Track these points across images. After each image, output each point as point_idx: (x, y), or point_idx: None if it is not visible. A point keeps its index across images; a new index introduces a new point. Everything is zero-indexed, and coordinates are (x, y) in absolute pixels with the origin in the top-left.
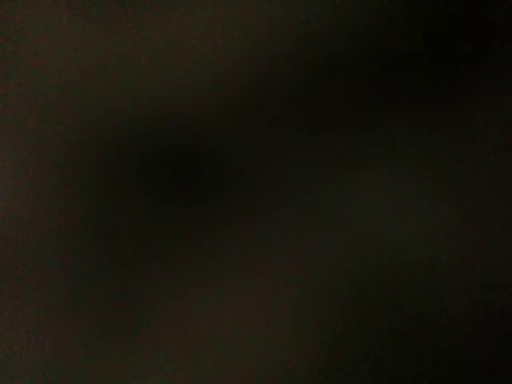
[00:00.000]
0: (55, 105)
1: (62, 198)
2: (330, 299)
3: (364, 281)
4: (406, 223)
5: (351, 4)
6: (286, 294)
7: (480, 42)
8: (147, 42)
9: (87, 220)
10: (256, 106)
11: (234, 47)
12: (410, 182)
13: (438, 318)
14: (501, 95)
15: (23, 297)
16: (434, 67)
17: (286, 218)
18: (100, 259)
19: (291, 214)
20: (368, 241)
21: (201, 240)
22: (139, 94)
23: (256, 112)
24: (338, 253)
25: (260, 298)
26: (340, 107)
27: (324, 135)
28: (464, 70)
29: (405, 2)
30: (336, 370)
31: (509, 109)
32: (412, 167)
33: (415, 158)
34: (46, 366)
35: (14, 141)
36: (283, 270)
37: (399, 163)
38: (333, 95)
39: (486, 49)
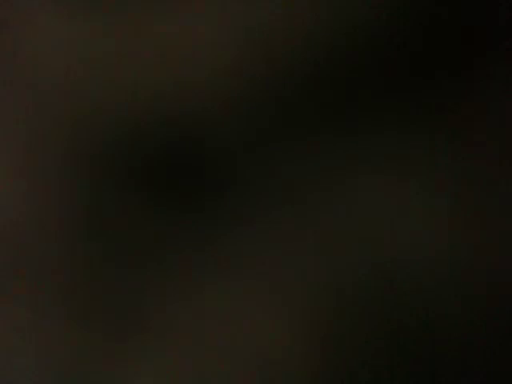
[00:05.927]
0: (55, 105)
1: (61, 198)
2: (330, 299)
3: (364, 281)
4: (406, 224)
5: (351, 4)
6: (286, 294)
7: (480, 42)
8: (147, 41)
9: (87, 220)
10: (256, 106)
11: (233, 47)
12: (410, 182)
13: (438, 318)
14: (501, 96)
15: (23, 297)
16: (433, 68)
17: (285, 217)
18: (100, 259)
19: (291, 214)
20: (368, 241)
21: (201, 240)
22: (139, 94)
23: (256, 112)
24: (337, 253)
25: (260, 298)
26: (340, 108)
27: (324, 135)
28: (464, 70)
29: (405, 2)
30: (336, 369)
31: (508, 110)
32: (412, 168)
33: (415, 158)
34: (46, 366)
35: (14, 141)
36: (283, 269)
37: (399, 163)
38: (333, 96)
39: (485, 50)
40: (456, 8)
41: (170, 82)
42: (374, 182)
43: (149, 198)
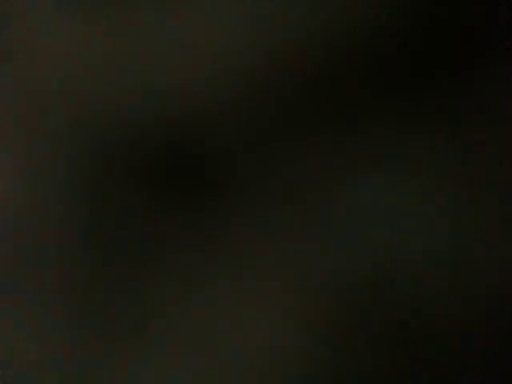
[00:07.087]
0: (55, 105)
1: (61, 199)
2: (330, 299)
3: (364, 281)
4: (406, 224)
5: (351, 4)
6: (286, 294)
7: (480, 42)
8: (147, 41)
9: (87, 220)
10: (256, 106)
11: (233, 47)
12: (410, 182)
13: (438, 318)
14: (501, 96)
15: (23, 297)
16: (433, 68)
17: (285, 217)
18: (100, 259)
19: (291, 214)
20: (368, 241)
21: (201, 240)
22: (139, 94)
23: (256, 112)
24: (337, 253)
25: (260, 298)
26: (340, 108)
27: (324, 135)
28: (464, 70)
29: (405, 2)
30: (336, 369)
31: (508, 110)
32: (412, 168)
33: (415, 158)
34: (46, 366)
35: (14, 141)
36: (283, 269)
37: (398, 163)
38: (333, 96)
39: (485, 50)
40: (456, 8)
41: (170, 82)
42: (374, 181)
43: (149, 198)
